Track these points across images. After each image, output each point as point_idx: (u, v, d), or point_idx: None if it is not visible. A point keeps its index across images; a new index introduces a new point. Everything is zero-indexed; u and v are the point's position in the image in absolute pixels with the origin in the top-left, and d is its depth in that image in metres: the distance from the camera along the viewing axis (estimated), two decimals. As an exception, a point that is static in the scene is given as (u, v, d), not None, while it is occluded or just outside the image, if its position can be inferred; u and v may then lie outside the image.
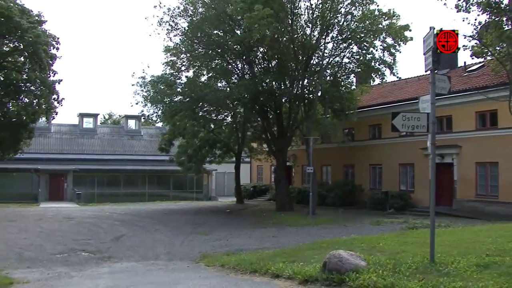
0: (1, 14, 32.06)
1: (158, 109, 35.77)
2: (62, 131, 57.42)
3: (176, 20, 33.45)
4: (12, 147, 36.90)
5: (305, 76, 33.04)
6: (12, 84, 35.36)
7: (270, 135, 35.70)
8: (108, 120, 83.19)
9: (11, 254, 18.09)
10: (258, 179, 51.26)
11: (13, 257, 17.44)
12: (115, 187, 51.90)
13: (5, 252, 18.59)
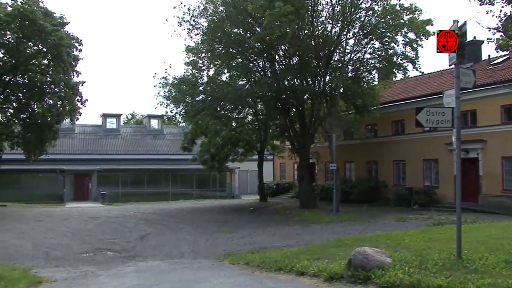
0: (25, 17, 32.51)
1: (180, 108, 35.93)
2: (86, 131, 58.01)
3: (196, 19, 33.57)
4: (37, 148, 37.38)
5: (327, 72, 32.90)
6: (37, 86, 35.80)
7: (293, 133, 35.61)
8: (131, 120, 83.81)
9: (39, 254, 18.35)
10: (281, 176, 51.20)
11: (41, 256, 17.70)
12: (139, 187, 52.28)
13: (33, 252, 18.88)
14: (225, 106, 35.16)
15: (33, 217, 31.30)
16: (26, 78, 36.55)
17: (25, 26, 32.93)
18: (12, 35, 34.21)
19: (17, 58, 34.41)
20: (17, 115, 37.06)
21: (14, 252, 18.66)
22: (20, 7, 33.09)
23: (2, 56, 35.11)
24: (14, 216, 31.92)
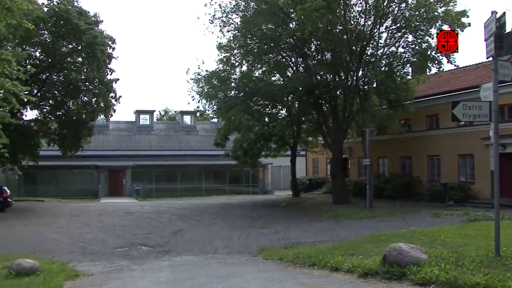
0: (60, 16, 33.13)
1: (213, 104, 36.08)
2: (120, 128, 58.78)
3: (228, 16, 33.65)
4: (73, 145, 38.07)
5: (360, 67, 32.62)
6: (72, 84, 36.44)
7: (325, 128, 35.42)
8: (164, 116, 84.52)
9: (76, 248, 18.71)
10: (313, 172, 50.99)
11: (78, 251, 18.04)
12: (172, 182, 52.69)
13: (70, 246, 19.26)
14: (257, 101, 35.20)
15: (69, 212, 31.88)
16: (61, 76, 37.24)
17: (60, 25, 33.57)
18: (48, 34, 34.87)
19: (53, 56, 35.08)
20: (54, 112, 37.80)
21: (52, 246, 19.07)
22: (56, 7, 33.76)
23: (38, 55, 35.82)
24: (52, 211, 32.58)
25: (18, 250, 17.52)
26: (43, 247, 18.80)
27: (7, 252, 16.91)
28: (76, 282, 11.56)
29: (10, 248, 18.06)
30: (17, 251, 17.08)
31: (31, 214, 31.00)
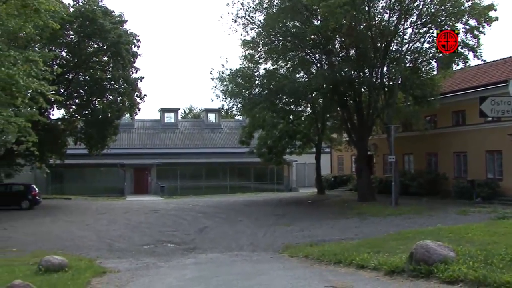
0: (86, 17, 33.51)
1: (237, 102, 36.15)
2: (145, 126, 59.18)
3: (251, 14, 33.66)
4: (99, 143, 38.47)
5: (384, 63, 32.35)
6: (98, 83, 36.80)
7: (350, 125, 35.26)
8: (189, 114, 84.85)
9: (103, 245, 18.96)
10: (338, 169, 50.77)
11: (105, 248, 18.28)
12: (197, 180, 52.89)
13: (97, 243, 19.53)
14: (282, 99, 35.17)
15: (96, 210, 32.28)
16: (87, 76, 37.62)
17: (86, 25, 33.94)
18: (74, 35, 35.29)
19: (79, 56, 35.48)
20: (80, 111, 38.23)
21: (80, 243, 19.36)
22: (81, 7, 34.13)
23: (65, 55, 36.25)
24: (79, 209, 33.01)
25: (47, 247, 17.83)
26: (71, 244, 19.09)
27: (37, 248, 17.22)
28: (103, 278, 11.72)
29: (39, 245, 18.39)
30: (46, 247, 17.39)
31: (59, 211, 31.46)
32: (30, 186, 34.67)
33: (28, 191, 33.94)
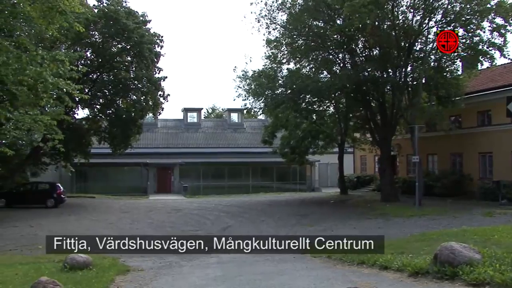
0: (109, 17, 33.84)
1: (260, 102, 36.19)
2: (168, 126, 59.53)
3: (274, 14, 33.63)
4: (123, 143, 38.83)
5: (408, 63, 32.09)
6: (121, 83, 37.11)
7: (374, 125, 35.06)
8: (212, 114, 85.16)
9: (126, 244, 19.05)
10: (361, 169, 50.53)
11: (128, 247, 18.36)
12: (219, 180, 53.07)
13: (121, 242, 19.62)
14: (305, 99, 35.09)
15: (119, 209, 32.56)
16: (111, 75, 37.95)
17: (109, 26, 34.26)
18: (98, 35, 35.64)
19: (103, 56, 35.83)
20: (104, 110, 38.58)
21: (104, 242, 19.48)
22: (105, 8, 34.46)
23: (89, 55, 36.63)
24: (102, 208, 33.33)
25: (72, 245, 17.97)
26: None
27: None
28: (127, 277, 11.83)
29: (64, 243, 18.55)
30: (71, 246, 17.53)
31: (83, 210, 31.81)
32: (55, 185, 35.11)
33: (53, 189, 34.38)
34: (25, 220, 26.41)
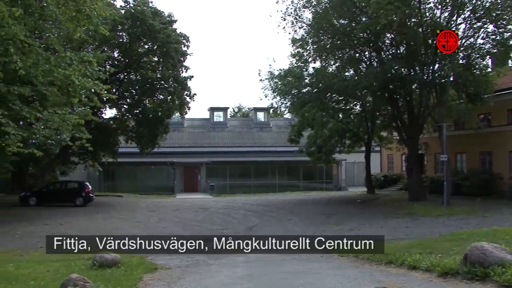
0: (136, 18, 34.17)
1: (286, 101, 36.13)
2: (195, 125, 59.81)
3: (299, 12, 33.52)
4: (150, 142, 39.21)
5: (436, 60, 31.64)
6: (148, 83, 37.48)
7: (401, 123, 34.74)
8: (238, 113, 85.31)
9: (153, 243, 19.21)
10: (388, 168, 50.11)
11: (155, 245, 18.51)
12: (246, 179, 53.12)
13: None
14: (331, 97, 34.93)
15: (146, 207, 32.83)
16: (138, 75, 38.35)
17: (136, 26, 34.62)
18: (125, 36, 36.00)
19: (130, 57, 36.22)
20: (131, 110, 38.99)
21: (131, 240, 19.67)
22: (132, 9, 34.79)
23: (116, 55, 37.02)
24: (130, 206, 33.65)
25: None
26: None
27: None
28: (154, 275, 11.94)
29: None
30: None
31: (111, 208, 32.15)
32: (84, 184, 35.55)
33: (82, 188, 34.79)
34: (55, 219, 26.83)
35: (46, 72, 16.18)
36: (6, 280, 10.95)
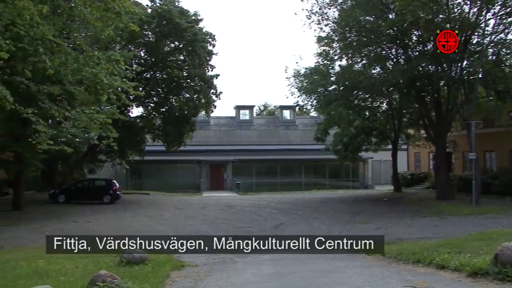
0: (162, 17, 34.41)
1: (312, 99, 35.99)
2: (221, 123, 59.93)
3: (325, 10, 33.35)
4: (176, 140, 39.44)
5: (464, 57, 31.18)
6: (174, 81, 37.71)
7: (428, 121, 34.37)
8: (264, 111, 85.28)
9: (180, 240, 19.34)
10: (415, 166, 49.63)
11: (182, 243, 18.62)
12: (272, 177, 53.10)
13: (175, 238, 19.93)
14: (358, 95, 34.74)
15: (173, 205, 33.01)
16: (164, 74, 38.60)
17: (162, 25, 34.87)
18: (152, 35, 36.27)
19: (156, 55, 36.48)
20: (157, 109, 39.29)
21: (158, 238, 19.83)
22: (158, 8, 35.04)
23: (143, 54, 37.32)
24: (157, 204, 33.87)
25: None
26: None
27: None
28: (182, 272, 12.02)
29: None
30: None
31: (138, 206, 32.42)
32: (111, 182, 35.91)
33: (109, 186, 35.15)
34: (83, 216, 27.17)
35: (75, 71, 16.43)
36: (38, 275, 11.19)
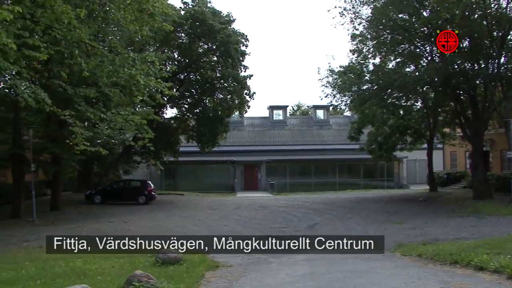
0: (195, 18, 34.68)
1: (346, 98, 35.76)
2: (254, 123, 60.00)
3: (358, 7, 33.11)
4: (210, 141, 39.67)
5: (502, 53, 30.55)
6: (208, 82, 37.92)
7: (464, 119, 33.78)
8: (297, 111, 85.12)
9: (214, 240, 19.43)
10: (451, 165, 48.83)
11: (216, 243, 18.71)
12: (306, 177, 52.96)
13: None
14: (392, 94, 34.38)
15: (207, 206, 33.18)
16: (198, 75, 38.88)
17: (196, 27, 35.12)
18: (185, 36, 36.57)
19: (190, 57, 36.78)
20: (191, 110, 39.61)
21: (193, 238, 19.97)
22: (191, 9, 35.32)
23: (177, 56, 37.64)
24: (191, 205, 34.11)
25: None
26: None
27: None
28: (216, 272, 12.07)
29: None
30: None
31: (173, 207, 32.71)
32: (146, 182, 36.27)
33: (144, 187, 35.51)
34: (119, 216, 27.52)
35: (110, 73, 16.70)
36: (75, 274, 11.39)
